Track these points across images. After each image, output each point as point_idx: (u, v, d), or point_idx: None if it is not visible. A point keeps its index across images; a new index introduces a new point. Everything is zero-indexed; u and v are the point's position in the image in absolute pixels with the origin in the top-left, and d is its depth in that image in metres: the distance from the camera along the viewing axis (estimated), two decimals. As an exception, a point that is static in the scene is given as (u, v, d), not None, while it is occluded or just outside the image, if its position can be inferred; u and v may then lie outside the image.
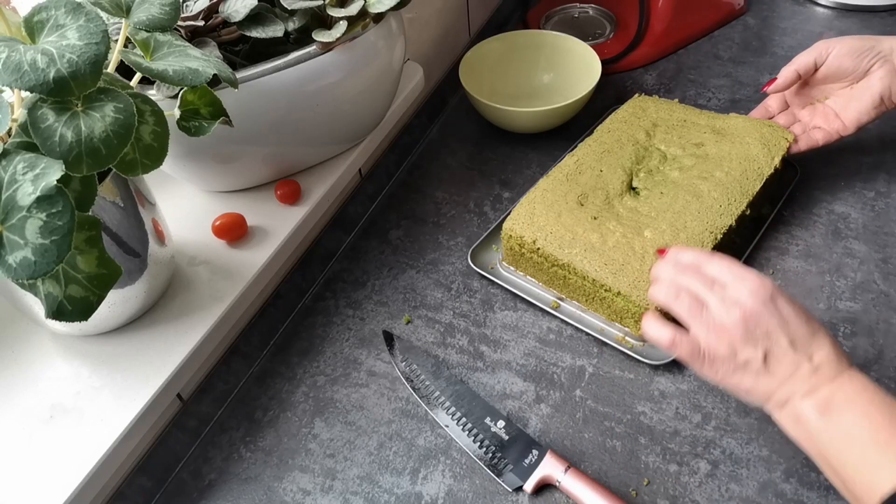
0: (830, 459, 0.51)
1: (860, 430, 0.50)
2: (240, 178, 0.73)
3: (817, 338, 0.54)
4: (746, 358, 0.54)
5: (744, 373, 0.55)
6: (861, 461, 0.49)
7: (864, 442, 0.49)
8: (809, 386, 0.53)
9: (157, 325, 0.63)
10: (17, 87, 0.41)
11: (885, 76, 0.72)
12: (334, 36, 0.63)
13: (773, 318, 0.54)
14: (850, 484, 0.50)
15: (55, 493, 0.53)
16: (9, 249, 0.40)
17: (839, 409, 0.51)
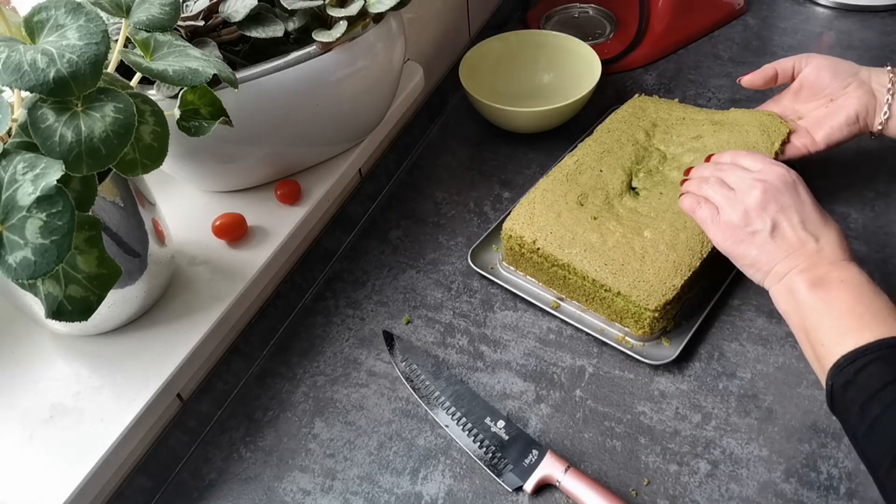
0: (808, 328, 0.55)
1: (841, 303, 0.54)
2: (240, 178, 0.73)
3: (828, 226, 0.59)
4: (756, 228, 0.59)
5: (751, 242, 0.60)
6: (833, 327, 0.53)
7: (842, 312, 0.54)
8: (809, 263, 0.57)
9: (157, 325, 0.63)
10: (17, 87, 0.41)
11: (862, 96, 0.72)
12: (334, 36, 0.63)
13: (791, 197, 0.60)
14: (818, 347, 0.54)
15: (55, 493, 0.53)
16: (9, 249, 0.40)
17: (829, 285, 0.55)
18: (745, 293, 0.72)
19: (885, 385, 0.49)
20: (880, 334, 0.51)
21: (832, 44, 1.02)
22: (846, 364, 0.51)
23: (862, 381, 0.50)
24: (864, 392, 0.50)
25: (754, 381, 0.66)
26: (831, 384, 0.52)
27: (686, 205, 0.66)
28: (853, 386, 0.50)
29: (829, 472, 0.59)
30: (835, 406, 0.53)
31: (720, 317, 0.71)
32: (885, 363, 0.50)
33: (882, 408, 0.48)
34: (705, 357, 0.68)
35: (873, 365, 0.50)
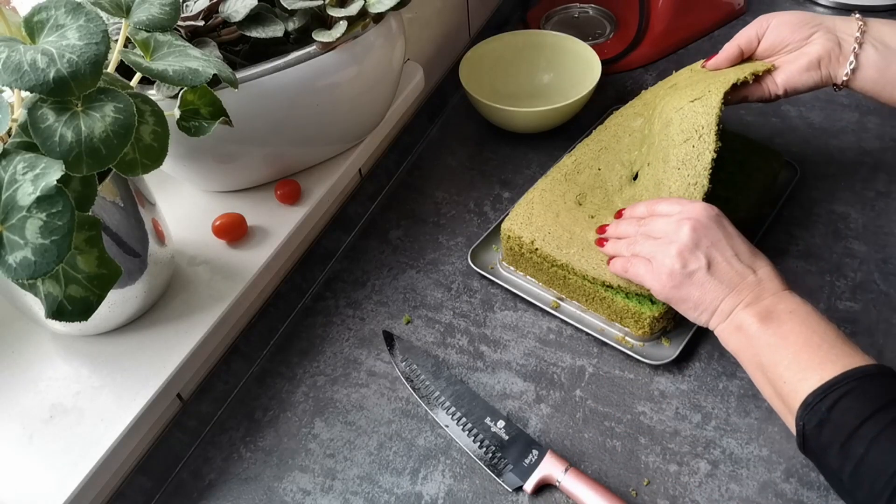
0: (765, 364, 0.53)
1: (796, 336, 0.52)
2: (240, 178, 0.73)
3: (759, 257, 0.59)
4: (692, 267, 0.58)
5: (690, 283, 0.58)
6: (793, 362, 0.51)
7: (799, 345, 0.52)
8: (754, 296, 0.56)
9: (157, 325, 0.63)
10: (17, 87, 0.41)
11: (826, 42, 0.66)
12: (334, 36, 0.63)
13: (719, 231, 0.59)
14: (780, 385, 0.52)
15: (55, 493, 0.53)
16: (9, 249, 0.40)
17: (780, 317, 0.54)
18: (745, 293, 0.72)
19: (862, 422, 0.47)
20: (843, 366, 0.49)
21: (832, 44, 1.02)
22: (816, 402, 0.49)
23: (836, 418, 0.48)
24: (841, 431, 0.47)
25: (754, 381, 0.66)
26: (802, 424, 0.50)
27: (617, 268, 0.64)
28: (828, 425, 0.48)
29: (829, 472, 0.59)
30: (808, 447, 0.50)
31: (720, 317, 0.71)
32: (856, 397, 0.48)
33: (865, 446, 0.46)
34: (705, 357, 0.68)
35: (845, 400, 0.48)
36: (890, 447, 0.45)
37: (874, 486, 0.45)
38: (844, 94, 0.93)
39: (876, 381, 0.48)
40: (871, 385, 0.48)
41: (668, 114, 0.69)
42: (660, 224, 0.61)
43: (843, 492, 0.49)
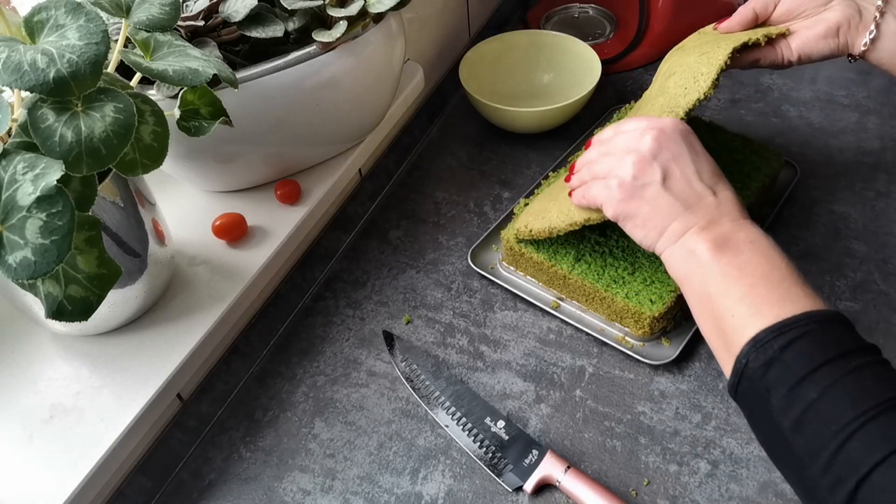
0: (713, 294, 0.48)
1: (754, 268, 0.47)
2: (240, 178, 0.73)
3: (722, 180, 0.54)
4: (646, 180, 0.53)
5: (641, 197, 0.53)
6: (747, 295, 0.46)
7: (756, 278, 0.47)
8: (711, 218, 0.51)
9: (157, 325, 0.63)
10: (17, 87, 0.41)
11: (846, 9, 0.63)
12: (334, 36, 0.63)
13: (685, 145, 0.53)
14: (726, 319, 0.47)
15: (55, 493, 0.53)
16: (9, 249, 0.40)
17: (738, 247, 0.49)
18: (745, 293, 0.72)
19: (819, 366, 0.42)
20: (804, 307, 0.44)
21: (832, 44, 1.02)
22: (768, 339, 0.43)
23: (789, 359, 0.43)
24: (792, 373, 0.42)
25: (754, 381, 0.66)
26: (745, 362, 0.44)
27: (577, 198, 0.59)
28: (778, 365, 0.43)
29: (829, 472, 0.59)
30: (744, 388, 0.45)
31: (720, 317, 0.71)
32: (815, 341, 0.43)
33: (819, 391, 0.41)
34: (705, 357, 0.68)
35: (802, 342, 0.43)
36: (845, 396, 0.41)
37: (821, 434, 0.41)
38: (844, 93, 0.93)
39: (837, 327, 0.44)
40: (832, 331, 0.44)
41: (672, 69, 0.67)
42: (622, 140, 0.56)
43: (777, 439, 0.44)
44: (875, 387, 0.41)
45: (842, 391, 0.41)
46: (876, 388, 0.41)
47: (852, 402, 0.40)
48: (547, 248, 0.70)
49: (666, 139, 0.53)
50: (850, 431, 0.39)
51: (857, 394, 0.41)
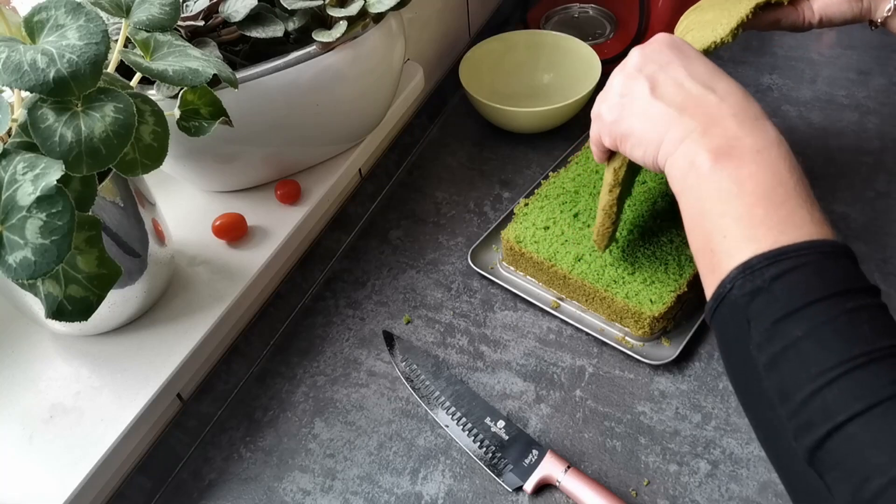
0: (708, 211, 0.43)
1: (756, 184, 0.41)
2: (240, 178, 0.73)
3: (723, 77, 0.47)
4: (634, 93, 0.48)
5: (631, 112, 0.48)
6: (746, 215, 0.41)
7: (758, 196, 0.41)
8: (712, 119, 0.44)
9: (157, 325, 0.63)
10: (17, 87, 0.41)
11: None
12: (334, 36, 0.63)
13: (671, 53, 0.48)
14: (718, 239, 0.42)
15: (55, 493, 0.53)
16: (9, 249, 0.40)
17: (742, 156, 0.42)
18: (745, 293, 0.72)
19: (811, 302, 0.37)
20: (807, 234, 0.39)
21: (832, 44, 1.02)
22: (760, 266, 0.39)
23: (779, 290, 0.38)
24: (779, 306, 0.38)
25: (754, 381, 0.66)
26: (730, 287, 0.40)
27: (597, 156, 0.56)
28: (765, 295, 0.38)
29: (829, 472, 0.59)
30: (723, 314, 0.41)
31: (720, 317, 0.71)
32: (812, 274, 0.38)
33: (805, 330, 0.37)
34: (705, 357, 0.68)
35: (797, 273, 0.38)
36: (834, 339, 0.37)
37: (798, 375, 0.37)
38: (844, 94, 0.93)
39: (839, 262, 0.39)
40: (833, 265, 0.39)
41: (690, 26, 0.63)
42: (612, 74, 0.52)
43: (748, 374, 0.40)
44: (870, 332, 0.36)
45: (831, 333, 0.37)
46: (870, 334, 0.36)
47: (840, 346, 0.36)
48: (547, 248, 0.70)
49: (650, 51, 0.49)
50: (831, 377, 0.36)
51: (847, 338, 0.36)
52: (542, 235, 0.71)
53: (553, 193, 0.75)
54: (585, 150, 0.80)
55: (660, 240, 0.70)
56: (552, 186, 0.76)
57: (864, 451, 0.34)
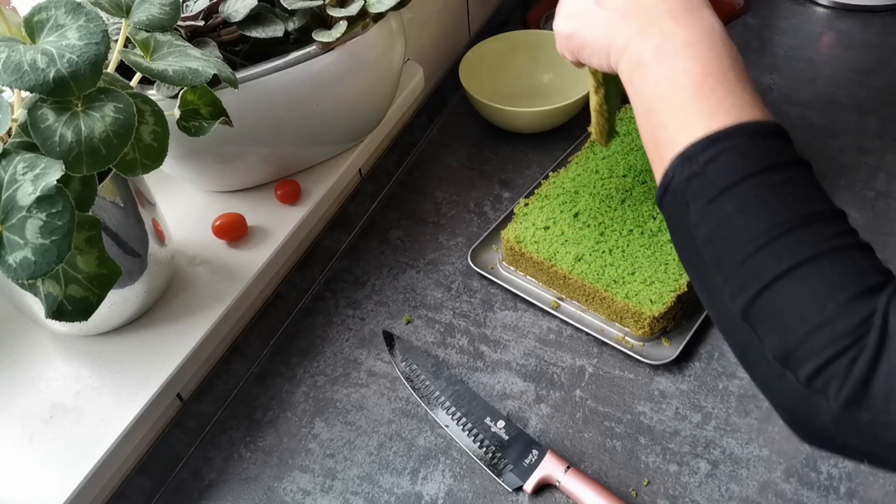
0: (650, 112, 0.45)
1: (688, 77, 0.43)
2: (240, 178, 0.73)
3: None
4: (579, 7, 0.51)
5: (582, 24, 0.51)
6: (681, 107, 0.43)
7: (690, 88, 0.43)
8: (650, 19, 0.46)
9: (157, 325, 0.63)
10: (17, 87, 0.41)
11: None
12: (334, 36, 0.63)
13: None
14: (660, 133, 0.44)
15: (55, 493, 0.53)
16: (9, 249, 0.40)
17: (676, 53, 0.44)
18: (745, 293, 0.72)
19: (741, 179, 0.40)
20: (737, 118, 0.41)
21: (832, 44, 1.02)
22: (695, 153, 0.41)
23: (712, 173, 0.41)
24: (713, 187, 0.41)
25: (754, 381, 0.66)
26: (671, 176, 0.42)
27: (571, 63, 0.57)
28: (700, 179, 0.41)
29: (829, 472, 0.59)
30: (667, 200, 0.43)
31: (720, 317, 0.71)
32: (741, 153, 0.41)
33: (736, 206, 0.40)
34: (705, 357, 0.68)
35: (727, 155, 0.41)
36: (762, 211, 0.39)
37: (730, 246, 0.40)
38: (844, 93, 0.93)
39: (769, 140, 0.41)
40: (762, 143, 0.41)
41: None
42: None
43: (691, 250, 0.43)
44: (795, 201, 0.39)
45: (759, 205, 0.40)
46: (795, 203, 0.39)
47: (767, 217, 0.39)
48: (547, 248, 0.70)
49: None
50: (759, 244, 0.39)
51: (774, 208, 0.39)
52: (542, 235, 0.72)
53: (553, 193, 0.75)
54: (585, 150, 0.80)
55: (660, 240, 0.70)
56: (552, 186, 0.76)
57: (789, 305, 0.38)
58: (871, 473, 0.59)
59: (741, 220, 0.40)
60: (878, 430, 0.35)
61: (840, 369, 0.36)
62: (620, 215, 0.73)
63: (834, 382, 0.36)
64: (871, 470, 0.59)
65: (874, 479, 0.59)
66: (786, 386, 0.38)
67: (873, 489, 0.58)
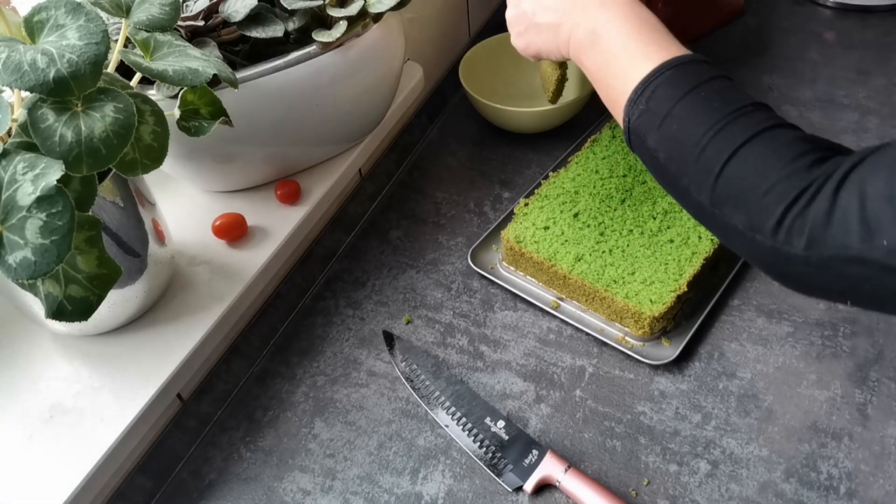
0: (598, 83, 0.57)
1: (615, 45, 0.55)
2: (240, 178, 0.73)
3: None
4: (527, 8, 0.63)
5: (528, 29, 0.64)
6: (619, 69, 0.54)
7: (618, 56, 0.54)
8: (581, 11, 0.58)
9: (157, 325, 0.63)
10: (17, 87, 0.41)
11: None
12: (334, 36, 0.63)
13: None
14: (610, 93, 0.55)
15: (55, 493, 0.53)
16: (9, 249, 0.40)
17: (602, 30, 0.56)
18: (745, 293, 0.72)
19: (676, 102, 0.49)
20: (659, 60, 0.51)
21: (832, 44, 1.02)
22: (636, 97, 0.51)
23: (654, 106, 0.50)
24: (657, 116, 0.50)
25: (754, 381, 0.66)
26: (628, 119, 0.53)
27: None
28: (647, 114, 0.51)
29: (829, 472, 0.59)
30: (634, 142, 0.53)
31: (720, 317, 0.71)
32: (671, 83, 0.50)
33: (678, 123, 0.49)
34: (705, 357, 0.68)
35: (660, 89, 0.50)
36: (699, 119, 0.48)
37: (684, 154, 0.49)
38: (844, 93, 0.93)
39: (689, 67, 0.51)
40: (685, 71, 0.51)
41: None
42: None
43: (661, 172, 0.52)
44: (722, 104, 0.48)
45: (695, 116, 0.49)
46: (723, 105, 0.48)
47: (703, 121, 0.48)
48: (547, 248, 0.70)
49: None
50: (703, 144, 0.47)
51: (707, 114, 0.48)
52: (542, 235, 0.72)
53: (553, 193, 0.75)
54: (585, 150, 0.80)
55: (660, 240, 0.70)
56: (552, 186, 0.76)
57: (740, 182, 0.46)
58: (870, 473, 0.59)
59: (685, 132, 0.49)
60: (840, 264, 0.41)
61: (794, 218, 0.43)
62: (620, 215, 0.73)
63: (794, 230, 0.43)
64: (871, 470, 0.59)
65: (874, 479, 0.59)
66: (759, 246, 0.45)
67: (873, 489, 0.58)
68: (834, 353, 0.67)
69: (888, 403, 0.63)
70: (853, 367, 0.66)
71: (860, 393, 0.64)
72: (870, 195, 0.40)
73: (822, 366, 0.66)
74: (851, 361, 0.66)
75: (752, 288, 0.72)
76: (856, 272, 0.41)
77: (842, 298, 0.45)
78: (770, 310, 0.70)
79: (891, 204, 0.39)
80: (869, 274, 0.41)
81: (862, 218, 0.40)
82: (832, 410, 0.63)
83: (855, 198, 0.41)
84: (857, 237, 0.40)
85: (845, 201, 0.41)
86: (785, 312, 0.70)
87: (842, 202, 0.41)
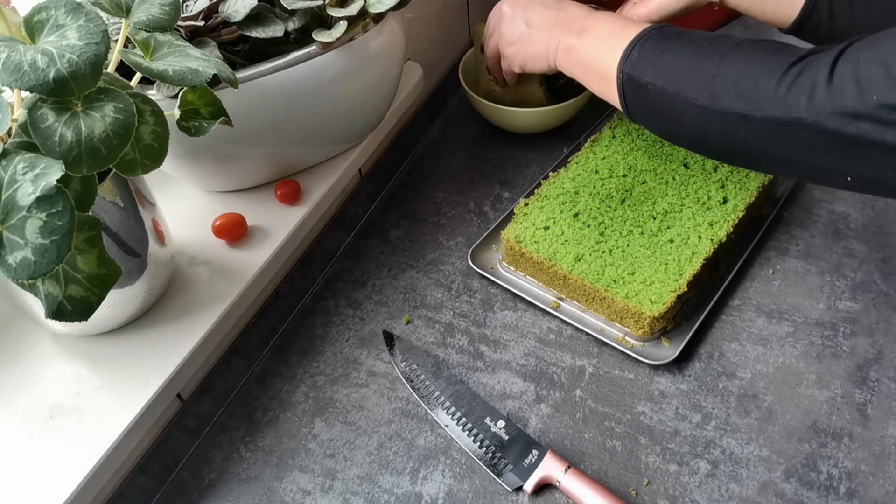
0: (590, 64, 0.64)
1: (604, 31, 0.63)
2: (240, 178, 0.73)
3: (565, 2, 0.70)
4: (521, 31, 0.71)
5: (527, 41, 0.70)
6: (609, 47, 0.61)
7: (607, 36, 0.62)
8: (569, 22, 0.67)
9: (157, 325, 0.63)
10: (17, 87, 0.41)
11: None
12: (334, 36, 0.63)
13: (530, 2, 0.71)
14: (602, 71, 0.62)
15: (55, 493, 0.53)
16: (9, 249, 0.40)
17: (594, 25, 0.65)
18: (745, 293, 0.72)
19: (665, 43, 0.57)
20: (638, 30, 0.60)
21: (832, 44, 1.02)
22: (628, 54, 0.59)
23: (645, 52, 0.58)
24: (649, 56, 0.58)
25: (754, 381, 0.66)
26: (621, 76, 0.59)
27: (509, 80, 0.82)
28: (640, 60, 0.58)
29: (829, 472, 0.59)
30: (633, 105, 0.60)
31: (720, 317, 0.71)
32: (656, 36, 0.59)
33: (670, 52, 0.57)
34: (705, 357, 0.68)
35: (649, 40, 0.59)
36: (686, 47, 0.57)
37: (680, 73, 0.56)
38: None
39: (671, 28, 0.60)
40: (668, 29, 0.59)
41: None
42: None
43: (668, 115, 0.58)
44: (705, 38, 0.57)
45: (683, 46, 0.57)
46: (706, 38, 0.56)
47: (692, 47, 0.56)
48: (547, 248, 0.70)
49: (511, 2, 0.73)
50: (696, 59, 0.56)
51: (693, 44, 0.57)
52: (542, 235, 0.72)
53: (553, 193, 0.75)
54: (585, 150, 0.80)
55: (660, 240, 0.70)
56: (552, 186, 0.76)
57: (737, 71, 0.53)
58: (870, 473, 0.59)
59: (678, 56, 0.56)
60: (838, 121, 0.47)
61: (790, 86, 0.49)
62: (620, 215, 0.73)
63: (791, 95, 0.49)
64: (871, 470, 0.59)
65: (874, 479, 0.59)
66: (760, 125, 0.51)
67: (873, 489, 0.58)
68: (834, 353, 0.67)
69: (888, 403, 0.63)
70: (853, 367, 0.66)
71: (860, 393, 0.64)
72: (863, 60, 0.47)
73: (822, 366, 0.66)
74: (851, 361, 0.66)
75: (752, 288, 0.72)
76: (852, 131, 0.47)
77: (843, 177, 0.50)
78: (770, 310, 0.70)
79: (882, 66, 0.45)
80: (866, 130, 0.46)
81: (856, 78, 0.46)
82: (832, 410, 0.63)
83: (850, 63, 0.47)
84: (852, 95, 0.46)
85: (842, 68, 0.47)
86: (785, 312, 0.70)
87: (839, 69, 0.47)
